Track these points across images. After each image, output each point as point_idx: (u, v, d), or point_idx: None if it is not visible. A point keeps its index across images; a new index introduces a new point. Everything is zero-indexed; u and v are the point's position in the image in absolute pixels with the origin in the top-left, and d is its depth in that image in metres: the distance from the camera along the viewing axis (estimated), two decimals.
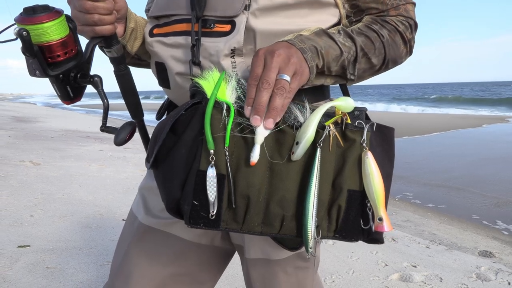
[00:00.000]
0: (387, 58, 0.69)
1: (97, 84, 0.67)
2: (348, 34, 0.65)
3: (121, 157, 5.16)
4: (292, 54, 0.57)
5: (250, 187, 0.57)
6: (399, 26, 0.69)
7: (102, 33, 0.65)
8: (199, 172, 0.57)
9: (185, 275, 0.78)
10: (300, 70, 0.57)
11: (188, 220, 0.57)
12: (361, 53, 0.66)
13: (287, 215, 0.59)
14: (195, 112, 0.59)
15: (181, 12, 0.68)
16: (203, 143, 0.57)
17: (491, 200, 4.18)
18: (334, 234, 0.61)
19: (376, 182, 0.59)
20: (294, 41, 0.60)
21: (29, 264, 2.03)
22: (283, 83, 0.55)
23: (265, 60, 0.56)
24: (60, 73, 0.63)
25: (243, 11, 0.63)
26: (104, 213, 2.94)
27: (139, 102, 0.77)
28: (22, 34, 0.56)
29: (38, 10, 0.58)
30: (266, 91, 0.55)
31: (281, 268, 0.75)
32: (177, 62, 0.68)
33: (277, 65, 0.55)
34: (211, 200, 0.56)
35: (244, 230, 0.59)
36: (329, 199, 0.60)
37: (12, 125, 8.48)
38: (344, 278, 2.13)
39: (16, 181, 3.56)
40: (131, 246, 0.77)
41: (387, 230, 0.58)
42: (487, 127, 10.74)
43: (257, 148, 0.57)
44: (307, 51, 0.60)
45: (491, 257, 2.67)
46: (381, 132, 0.64)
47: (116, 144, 0.66)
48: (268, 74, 0.55)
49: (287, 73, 0.56)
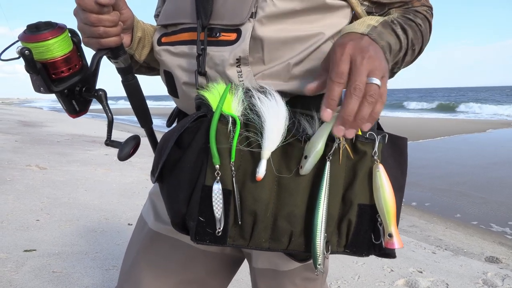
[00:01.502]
0: (423, 48, 0.68)
1: (101, 98, 0.67)
2: (402, 26, 0.62)
3: (127, 162, 5.17)
4: (381, 56, 0.52)
5: (257, 202, 0.56)
6: (427, 15, 0.69)
7: (108, 45, 0.64)
8: (204, 187, 0.56)
9: (194, 282, 0.78)
10: (386, 72, 0.52)
11: (194, 237, 0.57)
12: (410, 44, 0.63)
13: (296, 230, 0.57)
14: (200, 126, 0.58)
15: (188, 20, 0.67)
16: (208, 157, 0.56)
17: (498, 205, 4.14)
18: (344, 249, 0.59)
19: (387, 196, 0.56)
20: (374, 36, 0.54)
21: (35, 268, 2.04)
22: (374, 88, 0.49)
23: (354, 59, 0.50)
24: (64, 89, 0.63)
25: (249, 19, 0.61)
26: (110, 217, 2.95)
27: (147, 110, 0.77)
28: (24, 53, 0.56)
29: (42, 27, 0.58)
30: (358, 99, 0.48)
31: (289, 280, 0.74)
32: (184, 72, 0.68)
33: (369, 68, 0.49)
34: (217, 216, 0.55)
35: (252, 246, 0.58)
36: (339, 213, 0.58)
37: (18, 130, 8.55)
38: (349, 283, 2.12)
39: (23, 185, 3.59)
40: (140, 251, 0.78)
41: (397, 247, 0.56)
42: (492, 132, 10.67)
43: (264, 163, 0.55)
44: (386, 49, 0.55)
45: (498, 262, 2.64)
46: (393, 142, 0.61)
47: (120, 159, 0.66)
48: (360, 79, 0.48)
49: (377, 77, 0.49)
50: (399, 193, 0.61)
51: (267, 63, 0.62)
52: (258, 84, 0.62)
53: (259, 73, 0.63)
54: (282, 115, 0.57)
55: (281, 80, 0.63)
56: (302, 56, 0.62)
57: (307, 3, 0.62)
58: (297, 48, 0.62)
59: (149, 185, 3.87)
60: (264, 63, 0.62)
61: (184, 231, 0.60)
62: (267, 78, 0.63)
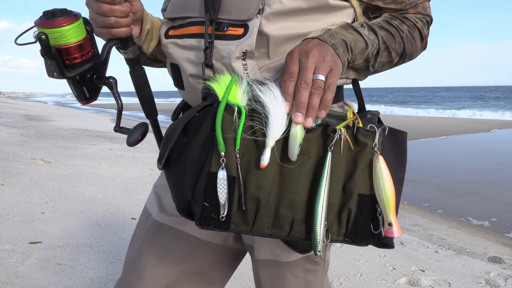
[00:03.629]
0: (405, 53, 0.71)
1: (112, 86, 0.68)
2: (371, 28, 0.67)
3: (131, 157, 5.21)
4: (326, 52, 0.58)
5: (260, 190, 0.57)
6: (418, 23, 0.71)
7: (119, 35, 0.66)
8: (209, 174, 0.57)
9: (196, 273, 0.79)
10: (334, 66, 0.58)
11: (199, 221, 0.58)
12: (383, 46, 0.67)
13: (297, 218, 0.59)
14: (206, 114, 0.60)
15: (196, 14, 0.69)
16: (214, 145, 0.58)
17: (502, 205, 4.13)
18: (344, 238, 0.61)
19: (386, 186, 0.58)
20: (324, 36, 0.60)
21: (40, 260, 2.06)
22: (319, 83, 0.56)
23: (300, 60, 0.57)
24: (77, 75, 0.65)
25: (257, 15, 0.63)
26: (114, 211, 2.97)
27: (153, 102, 0.79)
28: (41, 37, 0.58)
29: (57, 13, 0.60)
30: (306, 90, 0.56)
31: (290, 271, 0.75)
32: (191, 64, 0.69)
33: (313, 65, 0.57)
34: (221, 202, 0.57)
35: (254, 232, 0.59)
36: (339, 203, 0.60)
37: (23, 123, 8.61)
38: (351, 281, 2.12)
39: (28, 179, 3.62)
40: (144, 242, 0.79)
41: (396, 235, 0.58)
42: (497, 132, 10.61)
43: (268, 151, 0.57)
44: (338, 46, 0.60)
45: (501, 263, 2.64)
46: (393, 136, 0.64)
47: (129, 145, 0.68)
48: (305, 74, 0.56)
49: (322, 73, 0.57)
50: (398, 186, 0.62)
51: (271, 58, 0.65)
52: (263, 76, 0.65)
53: (263, 66, 0.65)
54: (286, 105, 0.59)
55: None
56: None
57: (312, 2, 0.64)
58: None
59: (152, 180, 3.89)
60: (268, 58, 0.65)
61: (189, 216, 0.61)
62: (271, 71, 0.66)
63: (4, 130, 6.87)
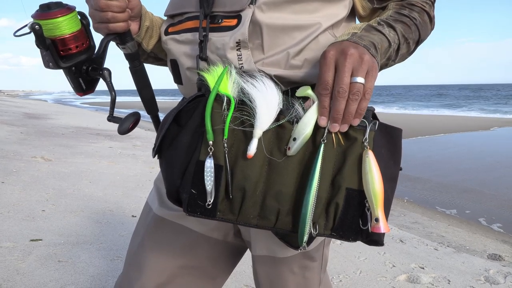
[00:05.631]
0: (420, 38, 0.71)
1: (106, 77, 0.70)
2: (389, 24, 0.66)
3: (131, 155, 5.21)
4: (363, 52, 0.56)
5: (247, 180, 0.58)
6: (425, 6, 0.71)
7: (116, 30, 0.68)
8: (198, 162, 0.58)
9: (196, 268, 0.80)
10: (372, 68, 0.56)
11: (186, 208, 0.59)
12: (402, 39, 0.67)
13: (283, 209, 0.59)
14: (198, 104, 0.61)
15: (192, 9, 0.70)
16: (203, 134, 0.59)
17: (501, 202, 4.14)
18: (331, 232, 0.60)
19: (375, 181, 0.57)
20: (355, 39, 0.59)
21: (41, 257, 2.07)
22: (357, 87, 0.55)
23: (336, 62, 0.55)
24: (72, 65, 0.67)
25: (249, 5, 0.64)
26: (114, 209, 2.98)
27: (153, 97, 0.80)
28: (34, 27, 0.61)
29: (52, 6, 0.63)
30: (343, 100, 0.55)
31: (287, 267, 0.75)
32: (188, 58, 0.71)
33: (351, 67, 0.55)
34: (208, 189, 0.57)
35: (240, 221, 0.60)
36: (327, 196, 0.59)
37: (23, 122, 8.61)
38: (351, 278, 2.13)
39: (28, 177, 3.62)
40: (145, 236, 0.80)
41: (383, 231, 0.57)
42: (497, 130, 10.61)
43: (255, 142, 0.58)
44: (370, 47, 0.59)
45: (500, 260, 2.65)
46: (387, 132, 0.63)
47: (120, 133, 0.69)
48: (343, 80, 0.54)
49: (361, 75, 0.55)
50: (391, 183, 0.62)
51: (266, 51, 0.65)
52: (257, 68, 0.65)
53: (259, 61, 0.65)
54: (274, 97, 0.60)
55: (281, 68, 0.66)
56: (301, 46, 0.65)
57: None
58: (295, 37, 0.65)
59: (152, 178, 3.90)
60: (263, 51, 0.65)
61: (178, 203, 0.62)
62: (267, 66, 0.66)
63: (4, 128, 6.87)
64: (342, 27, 0.70)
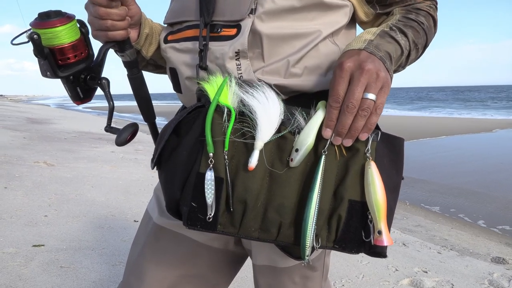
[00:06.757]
0: (427, 43, 0.71)
1: (104, 86, 0.69)
2: (401, 30, 0.65)
3: (133, 159, 5.22)
4: (380, 67, 0.55)
5: (248, 192, 0.57)
6: (430, 10, 0.71)
7: (115, 38, 0.67)
8: (198, 174, 0.57)
9: (196, 276, 0.79)
10: (386, 84, 0.55)
11: (186, 221, 0.58)
12: (413, 45, 0.66)
13: (285, 222, 0.58)
14: (198, 115, 0.60)
15: (192, 18, 0.69)
16: (204, 146, 0.58)
17: (505, 205, 4.11)
18: (333, 244, 0.59)
19: (378, 193, 0.56)
20: (372, 49, 0.58)
21: (43, 263, 2.07)
22: (368, 103, 0.54)
23: (352, 75, 0.54)
24: (70, 75, 0.66)
25: (249, 15, 0.63)
26: (116, 214, 2.98)
27: (151, 104, 0.80)
28: (33, 37, 0.60)
29: (52, 15, 0.62)
30: (350, 115, 0.54)
31: (288, 277, 0.75)
32: (187, 67, 0.70)
33: (365, 82, 0.54)
34: (208, 202, 0.56)
35: (241, 234, 0.59)
36: (329, 208, 0.58)
37: (26, 127, 8.64)
38: (354, 282, 2.12)
39: (31, 182, 3.63)
40: (145, 245, 0.79)
41: (386, 244, 0.56)
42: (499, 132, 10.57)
43: (256, 154, 0.57)
44: (386, 60, 0.58)
45: (504, 263, 2.63)
46: (389, 142, 0.62)
47: (117, 144, 0.68)
48: (354, 95, 0.53)
49: (373, 91, 0.54)
50: (393, 193, 0.61)
51: (266, 59, 0.64)
52: (257, 77, 0.64)
53: (259, 69, 0.65)
54: (275, 108, 0.59)
55: (280, 76, 0.65)
56: (301, 54, 0.64)
57: (305, 1, 0.63)
58: (295, 45, 0.64)
59: (154, 182, 3.90)
60: (263, 59, 0.64)
61: (178, 216, 0.61)
62: (267, 74, 0.65)
63: (7, 133, 6.90)
64: (342, 34, 0.69)
